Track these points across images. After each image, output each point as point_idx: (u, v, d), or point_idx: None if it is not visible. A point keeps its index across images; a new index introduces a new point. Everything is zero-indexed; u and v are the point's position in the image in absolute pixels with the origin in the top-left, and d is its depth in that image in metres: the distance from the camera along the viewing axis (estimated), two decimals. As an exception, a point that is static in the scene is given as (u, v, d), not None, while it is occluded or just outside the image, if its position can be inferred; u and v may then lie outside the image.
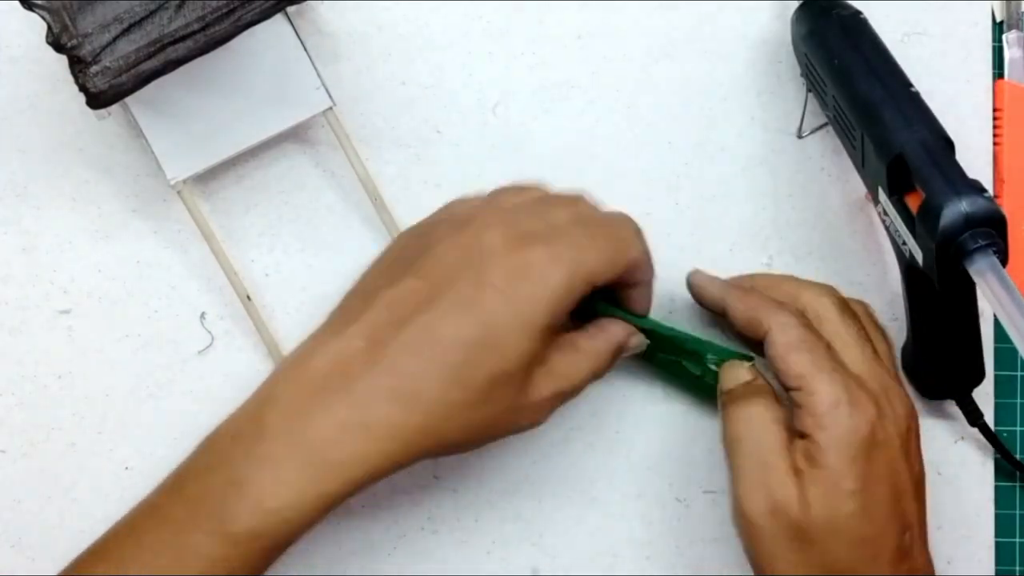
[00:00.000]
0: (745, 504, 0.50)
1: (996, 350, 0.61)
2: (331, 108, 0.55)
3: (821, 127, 0.60)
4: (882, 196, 0.53)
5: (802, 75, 0.59)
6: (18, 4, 0.49)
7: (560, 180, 0.59)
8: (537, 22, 0.60)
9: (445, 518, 0.59)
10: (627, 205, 0.59)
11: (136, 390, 0.58)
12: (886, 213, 0.53)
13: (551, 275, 0.48)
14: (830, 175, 0.61)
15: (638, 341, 0.55)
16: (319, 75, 0.55)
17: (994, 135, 0.61)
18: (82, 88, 0.49)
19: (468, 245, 0.49)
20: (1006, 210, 0.61)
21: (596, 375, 0.53)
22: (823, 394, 0.49)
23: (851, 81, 0.54)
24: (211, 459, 0.47)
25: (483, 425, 0.48)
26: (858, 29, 0.56)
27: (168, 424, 0.57)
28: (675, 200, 0.60)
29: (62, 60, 0.49)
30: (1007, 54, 0.62)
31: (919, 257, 0.51)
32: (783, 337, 0.51)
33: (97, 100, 0.49)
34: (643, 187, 0.60)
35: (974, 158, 0.61)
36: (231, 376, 0.58)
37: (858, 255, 0.61)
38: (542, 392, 0.50)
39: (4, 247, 0.57)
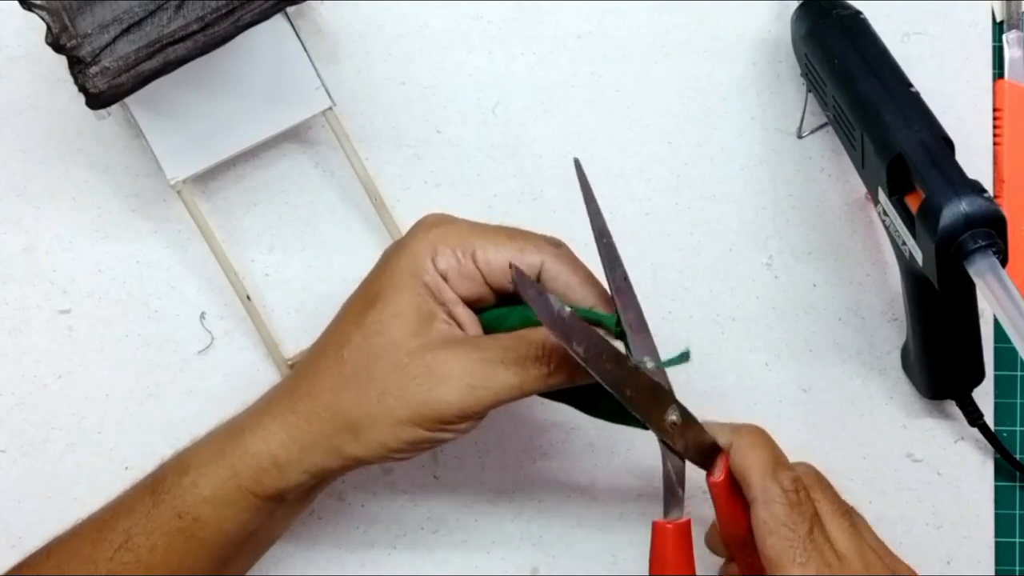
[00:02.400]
0: None
1: (996, 350, 0.61)
2: (331, 108, 0.55)
3: (821, 127, 0.60)
4: (882, 196, 0.53)
5: (802, 75, 0.59)
6: (18, 4, 0.49)
7: (560, 180, 0.59)
8: (537, 22, 0.60)
9: (445, 518, 0.59)
10: (627, 205, 0.59)
11: (136, 390, 0.58)
12: (886, 213, 0.53)
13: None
14: (830, 175, 0.61)
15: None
16: (319, 75, 0.55)
17: (994, 135, 0.61)
18: (81, 89, 0.49)
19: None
20: (1006, 210, 0.61)
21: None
22: None
23: (851, 81, 0.54)
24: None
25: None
26: (858, 29, 0.55)
27: (168, 424, 0.57)
28: (675, 200, 0.60)
29: (62, 60, 0.49)
30: (1007, 54, 0.62)
31: (919, 257, 0.51)
32: (764, 513, 0.47)
33: (96, 100, 0.49)
34: (643, 187, 0.60)
35: (974, 158, 0.61)
36: (231, 376, 0.58)
37: (858, 255, 0.61)
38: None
39: (4, 247, 0.57)
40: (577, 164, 0.49)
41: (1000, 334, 0.61)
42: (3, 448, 0.57)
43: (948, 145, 0.52)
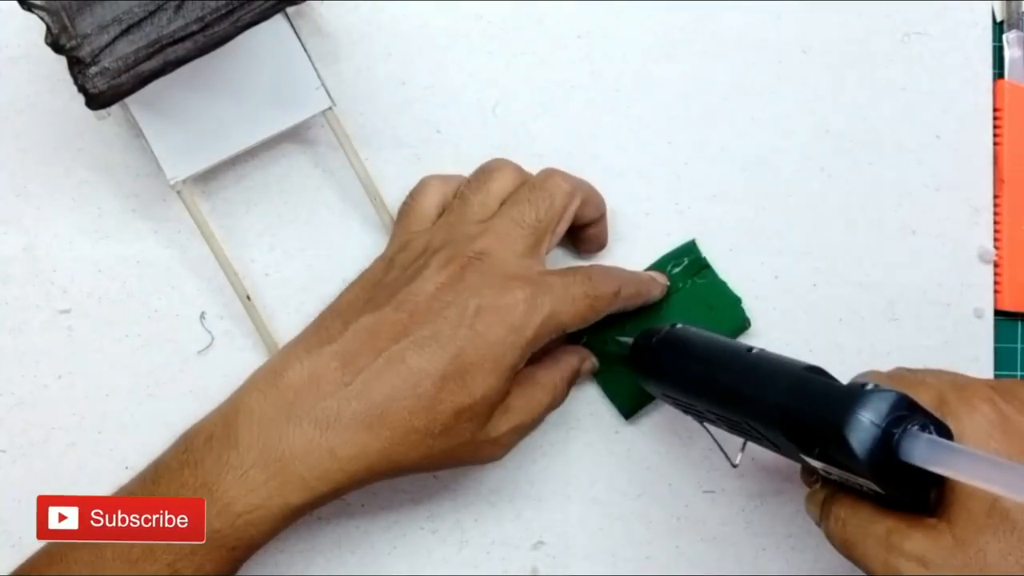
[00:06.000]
0: None
1: (996, 350, 0.61)
2: (331, 108, 0.55)
3: (743, 445, 0.53)
4: (812, 463, 0.46)
5: (686, 414, 0.55)
6: (18, 4, 0.49)
7: (560, 180, 0.59)
8: (537, 22, 0.60)
9: (445, 518, 0.59)
10: (627, 205, 0.59)
11: (136, 390, 0.58)
12: (828, 472, 0.46)
13: (527, 322, 0.50)
14: (830, 175, 0.61)
15: (591, 365, 0.57)
16: (319, 75, 0.55)
17: (994, 135, 0.61)
18: (81, 89, 0.49)
19: (450, 285, 0.50)
20: (1006, 210, 0.61)
21: (553, 406, 0.55)
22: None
23: (707, 386, 0.50)
24: (186, 457, 0.49)
25: (442, 454, 0.50)
26: (681, 337, 0.53)
27: (168, 424, 0.57)
28: (675, 200, 0.60)
29: (62, 60, 0.49)
30: (1007, 54, 0.62)
31: (876, 487, 0.44)
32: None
33: (96, 101, 0.49)
34: (643, 187, 0.60)
35: (974, 158, 0.61)
36: (231, 376, 0.57)
37: (858, 255, 0.60)
38: (501, 428, 0.51)
39: (4, 247, 0.57)
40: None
41: (1000, 334, 0.61)
42: (3, 448, 0.57)
43: (813, 370, 0.47)
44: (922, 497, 0.44)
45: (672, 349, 0.53)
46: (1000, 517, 0.42)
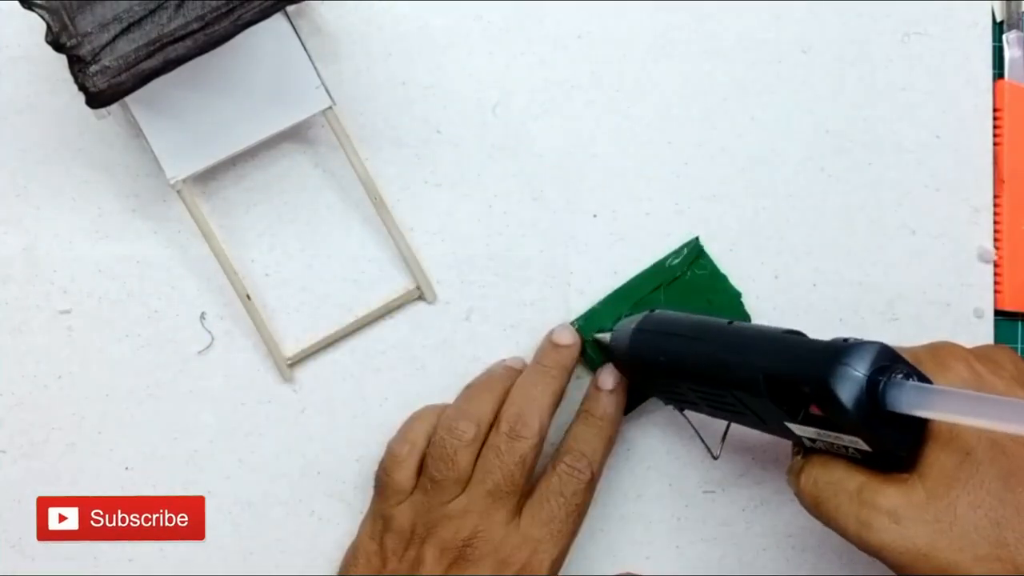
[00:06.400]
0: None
1: (996, 350, 0.61)
2: (331, 107, 0.55)
3: (725, 434, 0.56)
4: (798, 429, 0.46)
5: (667, 403, 0.56)
6: (18, 4, 0.49)
7: (560, 180, 0.59)
8: (537, 22, 0.60)
9: (445, 518, 0.59)
10: (627, 205, 0.59)
11: (136, 390, 0.58)
12: (813, 440, 0.47)
13: None
14: (830, 175, 0.61)
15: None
16: (319, 75, 0.55)
17: (994, 135, 0.61)
18: (81, 87, 0.49)
19: None
20: (1006, 210, 0.61)
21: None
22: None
23: (690, 361, 0.50)
24: None
25: None
26: (659, 319, 0.54)
27: (168, 424, 0.57)
28: (675, 200, 0.60)
29: (62, 60, 0.49)
30: (1007, 54, 0.62)
31: (866, 446, 0.44)
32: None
33: (96, 99, 0.49)
34: (643, 187, 0.60)
35: (974, 158, 0.61)
36: (231, 376, 0.58)
37: (858, 254, 0.61)
38: None
39: (4, 247, 0.57)
40: None
41: (1000, 334, 0.61)
42: (3, 448, 0.57)
43: (792, 333, 0.48)
44: (906, 450, 0.44)
45: (651, 331, 0.53)
46: (970, 471, 0.42)
